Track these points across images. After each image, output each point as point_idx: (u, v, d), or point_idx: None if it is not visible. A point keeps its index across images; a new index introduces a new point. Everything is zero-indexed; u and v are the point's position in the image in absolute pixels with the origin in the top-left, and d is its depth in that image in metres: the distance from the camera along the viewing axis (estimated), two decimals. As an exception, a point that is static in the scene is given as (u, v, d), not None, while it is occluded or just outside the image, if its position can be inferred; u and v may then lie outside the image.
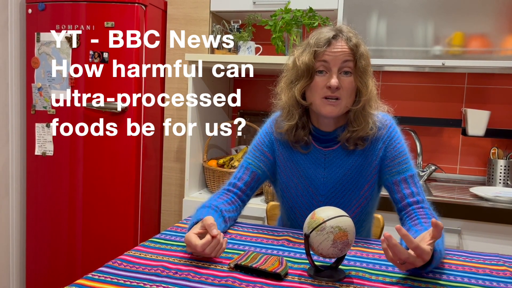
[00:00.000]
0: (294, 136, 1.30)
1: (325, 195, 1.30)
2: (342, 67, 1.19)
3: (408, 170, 1.25)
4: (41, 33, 2.33)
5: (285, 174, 1.34)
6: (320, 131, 1.30)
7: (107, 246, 2.34)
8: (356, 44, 1.20)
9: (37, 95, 2.37)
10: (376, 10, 2.07)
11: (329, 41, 1.19)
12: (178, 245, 1.13)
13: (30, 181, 2.43)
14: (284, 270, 0.95)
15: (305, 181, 1.31)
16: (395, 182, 1.25)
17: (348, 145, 1.27)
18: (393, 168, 1.26)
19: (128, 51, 2.22)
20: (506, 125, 2.31)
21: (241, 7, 2.26)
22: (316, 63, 1.20)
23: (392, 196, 1.27)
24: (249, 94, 2.67)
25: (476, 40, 1.99)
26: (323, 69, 1.20)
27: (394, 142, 1.27)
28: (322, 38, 1.20)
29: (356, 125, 1.24)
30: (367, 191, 1.30)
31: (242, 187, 1.33)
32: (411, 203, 1.22)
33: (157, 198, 2.51)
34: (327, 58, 1.19)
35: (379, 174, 1.29)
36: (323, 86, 1.20)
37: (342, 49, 1.19)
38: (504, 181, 2.16)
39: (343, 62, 1.19)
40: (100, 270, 0.95)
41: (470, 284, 0.96)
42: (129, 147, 2.27)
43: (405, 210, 1.23)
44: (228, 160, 2.29)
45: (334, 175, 1.29)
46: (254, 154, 1.36)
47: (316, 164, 1.30)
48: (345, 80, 1.19)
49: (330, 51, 1.19)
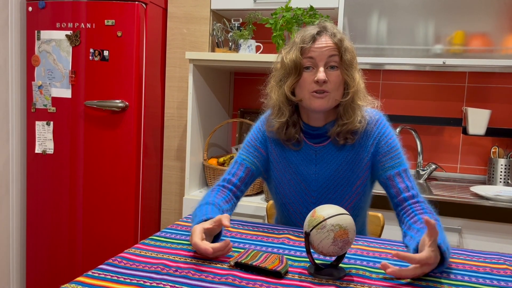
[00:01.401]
0: (285, 134, 1.31)
1: (317, 191, 1.31)
2: (328, 61, 1.22)
3: (401, 165, 1.27)
4: (41, 31, 2.33)
5: (278, 171, 1.35)
6: (311, 127, 1.31)
7: (108, 244, 2.34)
8: (340, 39, 1.23)
9: (37, 93, 2.36)
10: (377, 9, 2.07)
11: (314, 37, 1.23)
12: (179, 243, 1.13)
13: (31, 179, 2.42)
14: (285, 268, 0.95)
15: (297, 178, 1.32)
16: (389, 177, 1.26)
17: (338, 140, 1.28)
18: (386, 163, 1.27)
19: (129, 49, 2.22)
20: (507, 124, 2.31)
21: (241, 5, 2.25)
22: (303, 60, 1.23)
23: (387, 191, 1.28)
24: (249, 93, 2.67)
25: (477, 39, 1.99)
26: (310, 65, 1.23)
27: (385, 137, 1.29)
28: (307, 35, 1.23)
29: (346, 118, 1.26)
30: (359, 187, 1.31)
31: (237, 183, 1.33)
32: (406, 198, 1.23)
33: (157, 197, 2.51)
34: (313, 54, 1.22)
35: (371, 170, 1.31)
36: (311, 81, 1.22)
37: (327, 44, 1.22)
38: (504, 180, 2.16)
39: (328, 57, 1.22)
40: (100, 268, 0.95)
41: (470, 283, 0.95)
42: (130, 145, 2.27)
43: (402, 206, 1.24)
44: (228, 158, 2.29)
45: (326, 171, 1.30)
46: (248, 150, 1.37)
47: (308, 161, 1.32)
48: (332, 74, 1.22)
49: (315, 47, 1.22)
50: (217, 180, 2.25)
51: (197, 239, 1.01)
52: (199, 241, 1.00)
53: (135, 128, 2.26)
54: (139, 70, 2.25)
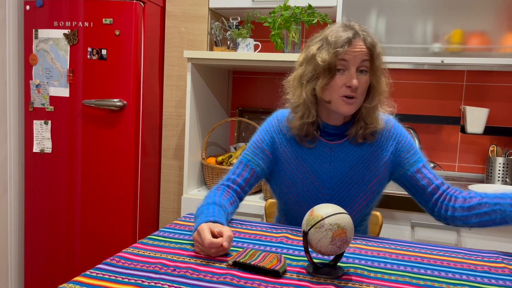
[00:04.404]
0: (304, 131, 1.30)
1: (331, 188, 1.31)
2: (360, 66, 1.22)
3: (422, 159, 1.34)
4: (39, 30, 2.33)
5: (290, 171, 1.34)
6: (330, 126, 1.31)
7: (106, 243, 2.34)
8: (372, 44, 1.23)
9: (35, 92, 2.36)
10: (375, 7, 2.07)
11: (351, 41, 1.21)
12: (177, 242, 1.13)
13: (29, 178, 2.42)
14: (283, 267, 0.95)
15: (311, 176, 1.32)
16: (417, 170, 1.30)
17: (357, 138, 1.30)
18: (411, 159, 1.32)
19: (127, 48, 2.22)
20: (505, 122, 2.31)
21: (240, 4, 2.25)
22: (337, 61, 1.21)
23: (417, 184, 1.30)
24: (248, 92, 2.67)
25: (475, 37, 1.98)
26: (341, 67, 1.22)
27: (404, 137, 1.35)
28: (343, 38, 1.21)
29: (369, 121, 1.28)
30: (374, 186, 1.32)
31: (242, 184, 1.33)
32: (439, 185, 1.29)
33: (156, 196, 2.50)
34: (347, 57, 1.21)
35: (391, 169, 1.33)
36: (342, 85, 1.22)
37: (361, 49, 1.21)
38: (502, 178, 2.16)
39: (361, 61, 1.21)
40: (99, 267, 0.95)
41: (468, 281, 0.96)
42: (128, 144, 2.27)
43: (437, 194, 1.29)
44: (227, 157, 2.29)
45: (340, 168, 1.31)
46: (254, 151, 1.36)
47: (322, 158, 1.32)
48: (361, 78, 1.22)
49: (350, 50, 1.21)
50: (216, 179, 2.27)
51: (209, 236, 1.03)
52: (212, 239, 1.03)
53: (133, 127, 2.26)
54: (137, 69, 2.24)
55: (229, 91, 2.68)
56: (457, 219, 1.24)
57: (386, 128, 1.34)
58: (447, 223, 1.28)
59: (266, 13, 2.21)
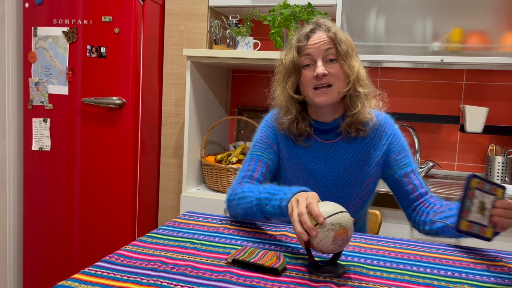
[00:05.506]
0: (296, 130, 1.32)
1: (326, 188, 1.32)
2: (326, 55, 1.24)
3: (412, 163, 1.33)
4: (38, 28, 2.32)
5: (287, 169, 1.36)
6: (320, 123, 1.33)
7: (105, 241, 2.33)
8: (334, 32, 1.26)
9: (34, 90, 2.35)
10: (375, 6, 2.07)
11: (308, 35, 1.26)
12: (176, 240, 1.13)
13: (27, 176, 2.42)
14: (282, 265, 0.95)
15: (306, 175, 1.33)
16: (404, 174, 1.30)
17: (350, 132, 1.30)
18: (401, 161, 1.32)
19: (126, 46, 2.21)
20: (504, 121, 2.31)
21: (239, 2, 2.25)
22: (301, 58, 1.26)
23: (401, 188, 1.31)
24: (247, 90, 2.67)
25: (475, 36, 1.98)
26: (309, 62, 1.25)
27: (397, 138, 1.34)
28: (302, 34, 1.27)
29: (353, 108, 1.28)
30: (368, 185, 1.33)
31: (260, 178, 1.31)
32: (422, 194, 1.29)
33: (155, 194, 2.50)
34: (309, 51, 1.24)
35: (382, 169, 1.34)
36: (312, 78, 1.25)
37: (321, 39, 1.24)
38: (502, 177, 2.16)
39: (325, 51, 1.24)
40: (97, 265, 0.95)
41: (468, 280, 0.96)
42: (127, 142, 2.26)
43: (418, 201, 1.29)
44: (226, 156, 2.28)
45: (335, 168, 1.31)
46: (262, 146, 1.36)
47: (317, 158, 1.32)
48: (331, 66, 1.24)
49: (310, 44, 1.25)
50: (215, 178, 2.26)
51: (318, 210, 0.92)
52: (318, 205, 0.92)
53: (133, 125, 2.26)
54: (136, 67, 2.24)
55: (228, 89, 2.68)
56: (426, 224, 1.25)
57: (380, 125, 1.34)
58: (419, 230, 1.29)
59: (266, 11, 2.20)
